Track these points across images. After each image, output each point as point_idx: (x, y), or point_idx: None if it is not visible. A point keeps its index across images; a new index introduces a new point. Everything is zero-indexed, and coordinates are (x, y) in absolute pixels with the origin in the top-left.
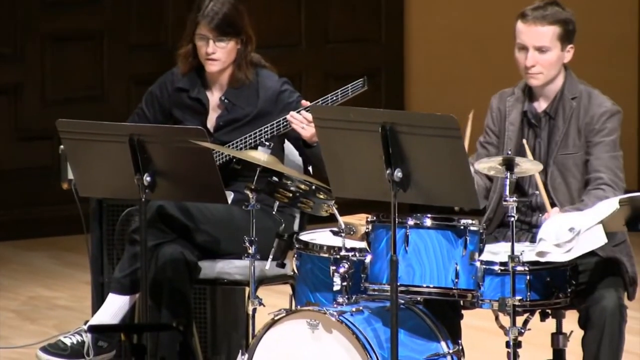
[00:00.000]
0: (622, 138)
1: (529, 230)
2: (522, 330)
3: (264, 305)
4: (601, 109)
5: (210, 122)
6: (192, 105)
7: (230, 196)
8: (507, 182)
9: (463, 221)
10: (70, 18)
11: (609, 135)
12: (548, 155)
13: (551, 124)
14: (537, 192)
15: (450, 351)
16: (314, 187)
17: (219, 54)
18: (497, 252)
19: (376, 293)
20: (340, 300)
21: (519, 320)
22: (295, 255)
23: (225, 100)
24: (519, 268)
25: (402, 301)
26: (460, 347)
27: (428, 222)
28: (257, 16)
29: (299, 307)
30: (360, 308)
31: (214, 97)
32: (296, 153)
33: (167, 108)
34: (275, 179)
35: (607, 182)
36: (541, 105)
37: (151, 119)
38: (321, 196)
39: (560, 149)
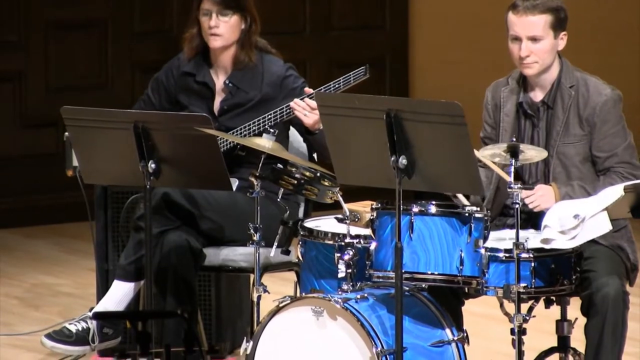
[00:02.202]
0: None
1: (527, 220)
2: (527, 317)
3: (269, 293)
4: (602, 97)
5: (216, 106)
6: (199, 89)
7: (234, 183)
8: (512, 168)
9: (468, 208)
10: (74, 5)
11: (614, 125)
12: (548, 144)
13: (549, 114)
14: (538, 180)
15: (455, 338)
16: (318, 174)
17: (221, 29)
18: (502, 238)
19: (381, 280)
20: (344, 287)
21: (524, 307)
22: (300, 242)
23: (230, 84)
24: (524, 255)
25: (407, 288)
26: (465, 334)
27: (433, 209)
28: (261, 2)
29: (303, 294)
30: (365, 295)
31: (219, 80)
32: (301, 140)
33: (173, 94)
34: (279, 166)
35: (626, 176)
36: (537, 95)
37: (157, 105)
38: (326, 183)
39: (562, 138)
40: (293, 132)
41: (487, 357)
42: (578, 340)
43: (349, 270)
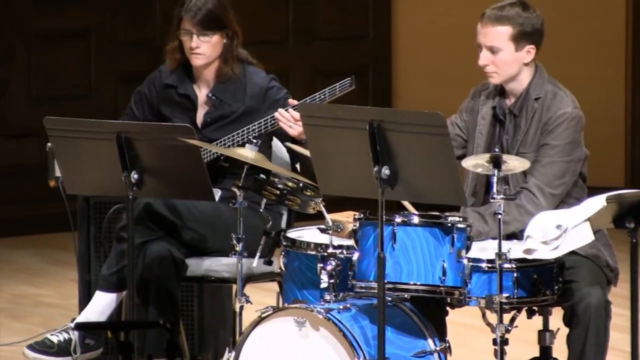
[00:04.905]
0: (609, 136)
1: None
2: (509, 328)
3: (251, 303)
4: (559, 111)
5: (199, 118)
6: (181, 101)
7: (217, 194)
8: (495, 179)
9: (450, 218)
10: (58, 15)
11: (557, 139)
12: (510, 152)
13: (515, 122)
14: (517, 191)
15: (437, 348)
16: (301, 184)
17: (203, 49)
18: (485, 248)
19: (363, 290)
20: (327, 297)
21: (506, 317)
22: (283, 253)
23: (213, 97)
24: (506, 265)
25: (390, 298)
26: (447, 344)
27: (415, 219)
28: (244, 12)
29: (286, 304)
30: (348, 305)
31: (202, 93)
32: (284, 150)
33: (156, 106)
34: (262, 176)
35: (529, 188)
36: (510, 102)
37: (141, 119)
38: (308, 193)
39: (520, 148)
40: (276, 143)
41: None
42: (560, 351)
43: (332, 281)
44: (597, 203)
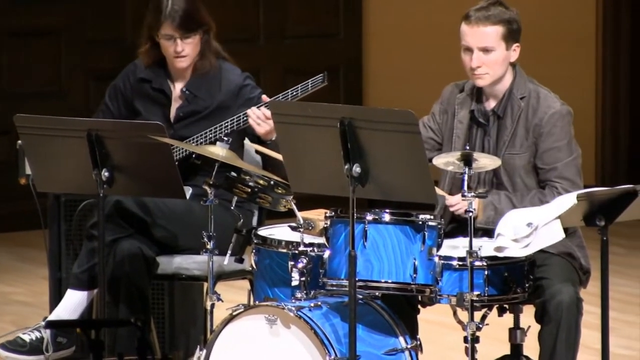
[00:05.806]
0: (580, 135)
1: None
2: (480, 325)
3: (222, 301)
4: (550, 109)
5: (172, 113)
6: (155, 96)
7: (188, 191)
8: (466, 177)
9: (422, 216)
10: (29, 14)
11: (559, 140)
12: (496, 154)
13: (499, 123)
14: (487, 189)
15: (408, 346)
16: (272, 182)
17: (187, 50)
18: (456, 246)
19: (334, 288)
20: (298, 295)
21: (477, 315)
22: (254, 251)
23: (186, 92)
24: (477, 263)
25: (361, 296)
26: (418, 342)
27: (386, 217)
28: (214, 10)
29: (257, 302)
30: (319, 303)
31: (176, 88)
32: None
33: (130, 99)
34: (233, 174)
35: (561, 192)
36: (490, 104)
37: (115, 113)
38: (279, 191)
39: (508, 149)
40: (248, 141)
41: None
42: (531, 349)
43: (303, 279)
44: (567, 201)
